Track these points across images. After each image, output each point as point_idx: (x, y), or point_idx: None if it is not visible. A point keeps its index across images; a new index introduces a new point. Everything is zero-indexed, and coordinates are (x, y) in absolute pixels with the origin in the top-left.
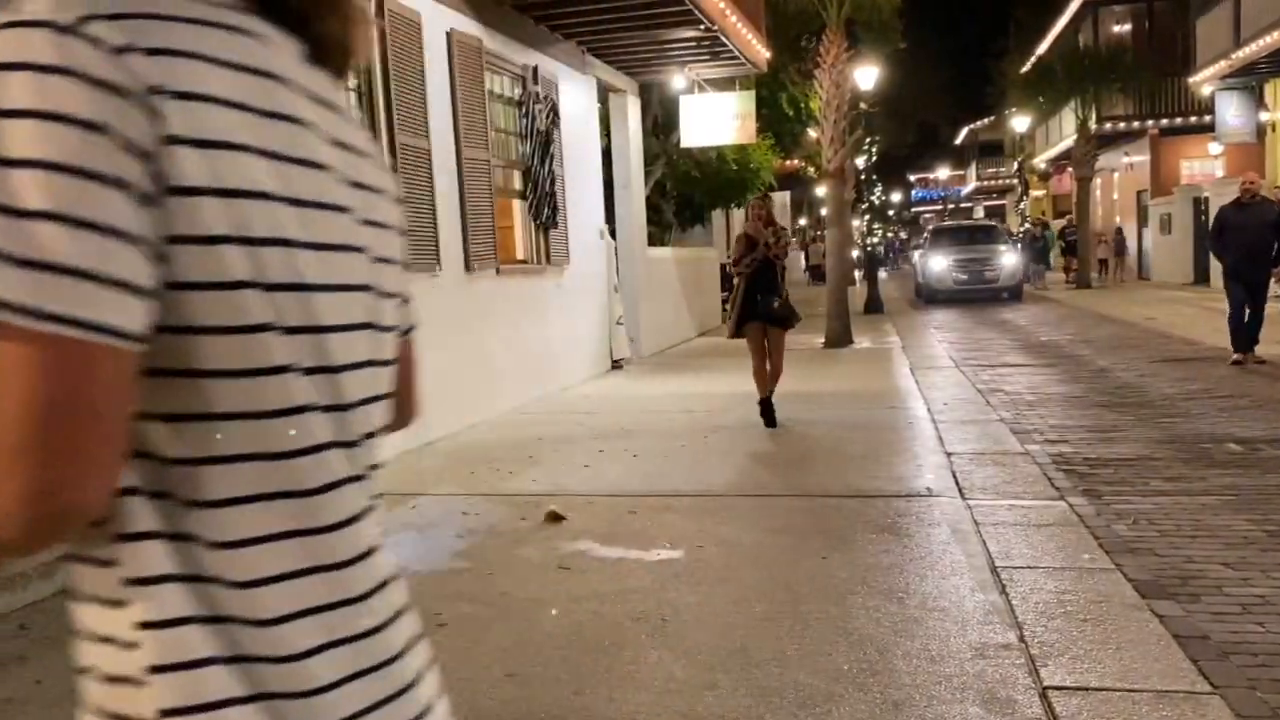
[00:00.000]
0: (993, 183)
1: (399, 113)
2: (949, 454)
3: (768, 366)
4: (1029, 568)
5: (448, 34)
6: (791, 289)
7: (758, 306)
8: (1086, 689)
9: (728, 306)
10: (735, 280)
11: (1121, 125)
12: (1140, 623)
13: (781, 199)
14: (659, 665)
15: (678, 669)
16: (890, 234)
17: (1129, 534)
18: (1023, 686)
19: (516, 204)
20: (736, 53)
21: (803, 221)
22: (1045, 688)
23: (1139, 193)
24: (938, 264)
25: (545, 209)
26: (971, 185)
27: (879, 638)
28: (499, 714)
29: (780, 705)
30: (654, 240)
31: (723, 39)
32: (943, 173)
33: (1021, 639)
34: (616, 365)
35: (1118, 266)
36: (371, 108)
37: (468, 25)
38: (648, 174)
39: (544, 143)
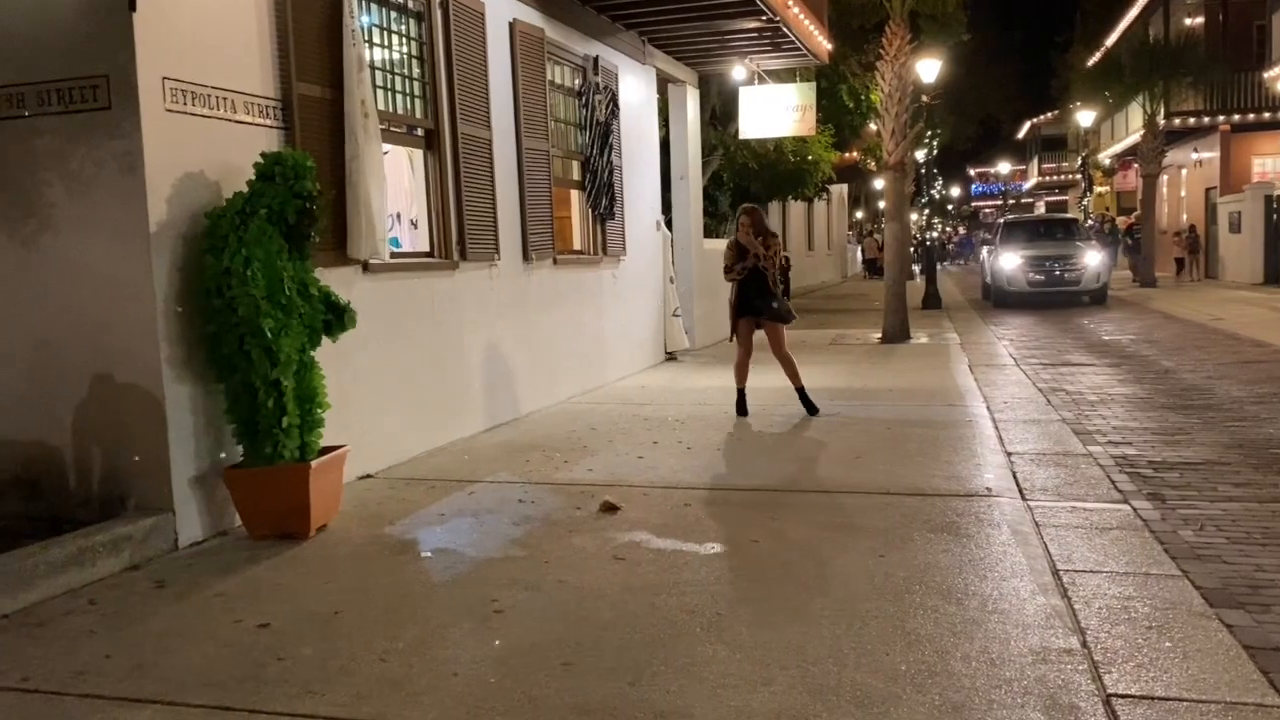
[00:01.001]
0: (1055, 178)
1: (461, 103)
2: (1009, 453)
3: (773, 360)
4: (1091, 572)
5: (510, 24)
6: (847, 283)
7: (750, 305)
8: (1152, 698)
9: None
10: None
11: (1191, 121)
12: (1208, 632)
13: (839, 191)
14: (714, 659)
15: (733, 664)
16: (951, 228)
17: (1196, 540)
18: (1086, 693)
19: (574, 194)
20: (798, 44)
21: (859, 215)
22: (1109, 695)
23: (1207, 190)
24: (1009, 262)
25: (603, 199)
26: (1033, 180)
27: (937, 638)
28: (555, 703)
29: (837, 704)
30: (709, 232)
31: (785, 30)
32: (1003, 167)
33: (1084, 645)
34: (670, 357)
35: (1192, 265)
36: (435, 98)
37: (530, 15)
38: (704, 165)
39: (603, 133)
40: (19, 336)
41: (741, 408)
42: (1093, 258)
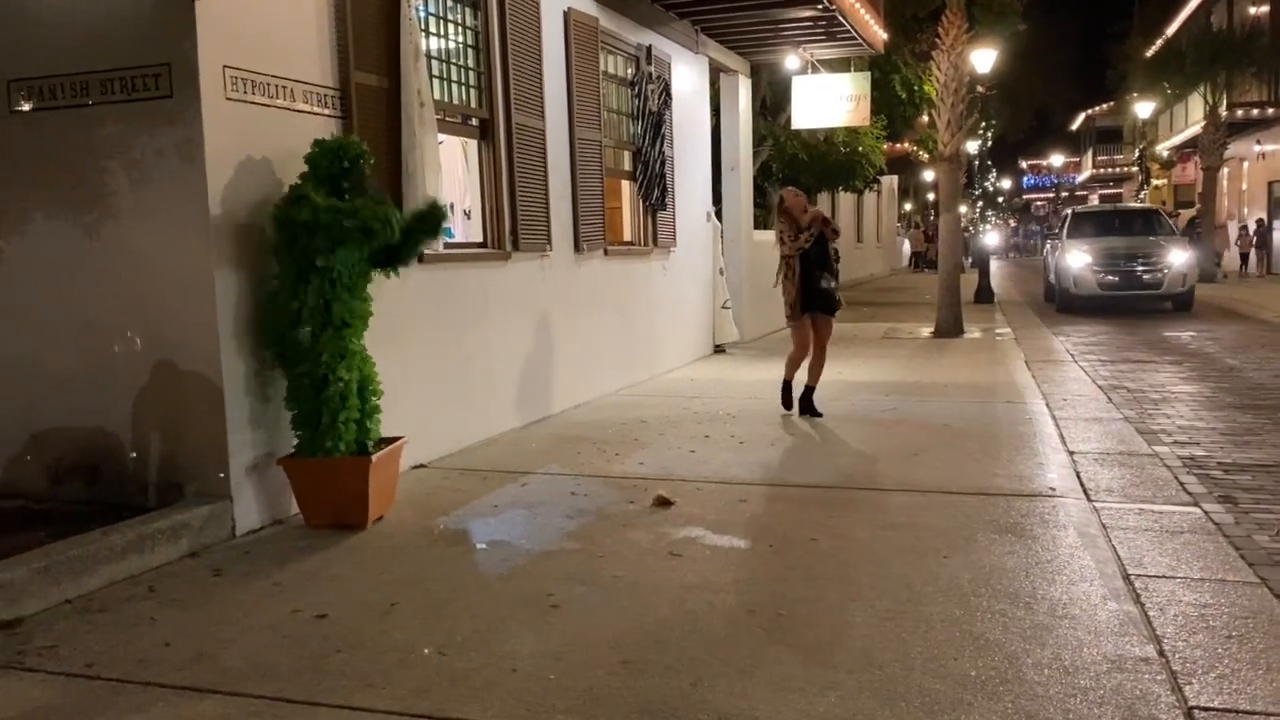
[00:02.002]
0: (1109, 170)
1: (516, 93)
2: (1071, 453)
3: (810, 355)
4: (1164, 577)
5: (565, 13)
6: (894, 276)
7: (817, 291)
8: (1236, 711)
9: (782, 289)
10: (785, 260)
11: (1254, 112)
12: None
13: (889, 183)
14: (777, 661)
15: (796, 666)
16: (1002, 220)
17: (1273, 546)
18: (1166, 705)
19: (625, 185)
20: (853, 33)
21: (908, 206)
22: (1191, 708)
23: (1270, 183)
24: (1077, 260)
25: (655, 190)
26: (1087, 173)
27: (1007, 644)
28: (615, 701)
29: (906, 710)
30: (758, 223)
31: (840, 19)
32: (1056, 159)
33: (1161, 653)
34: (719, 349)
35: (1260, 260)
36: (490, 88)
37: (585, 4)
38: (754, 156)
39: (655, 123)
40: (80, 323)
41: (787, 400)
42: (1177, 256)
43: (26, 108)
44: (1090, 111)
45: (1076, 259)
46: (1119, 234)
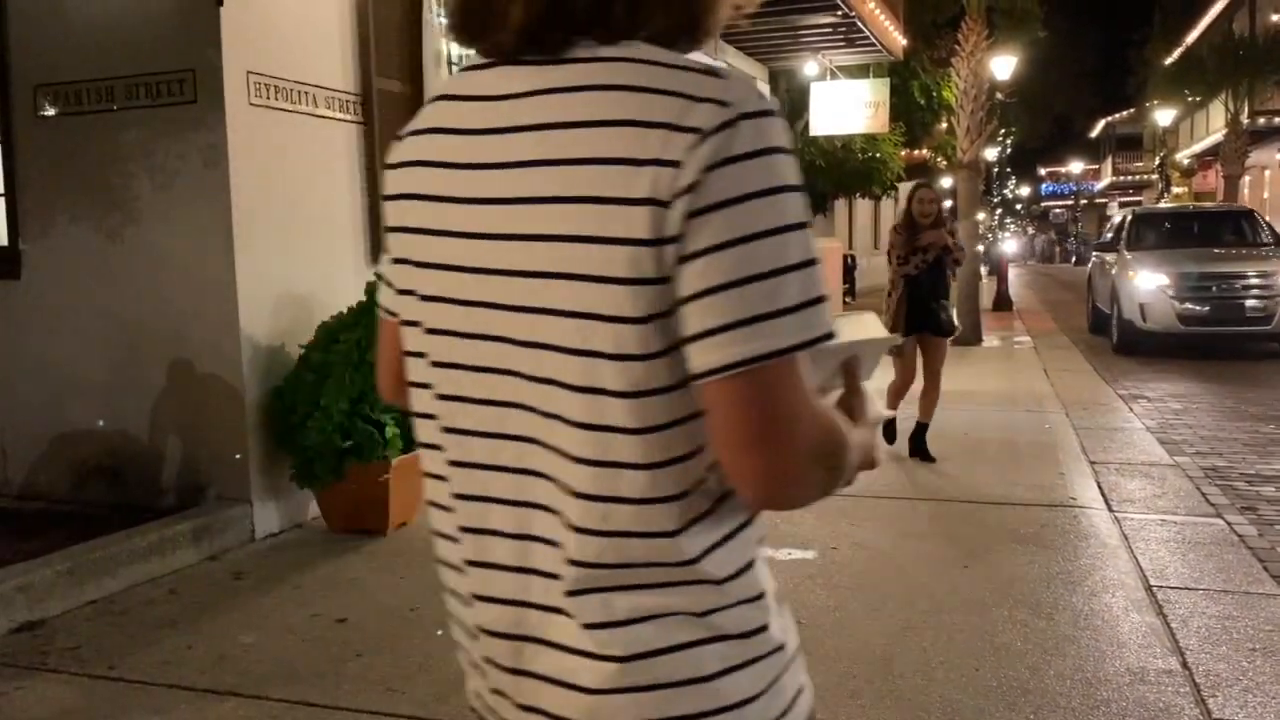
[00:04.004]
0: (1129, 178)
1: None
2: (1092, 462)
3: (922, 383)
4: (1187, 589)
5: None
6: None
7: (926, 310)
8: None
9: (885, 308)
10: (893, 278)
11: (1277, 120)
12: None
13: (906, 190)
14: None
15: (817, 675)
16: (1023, 228)
17: None
18: (1190, 718)
19: None
20: (873, 39)
21: None
22: None
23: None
24: (1147, 282)
25: None
26: (1106, 180)
27: (1028, 655)
28: None
29: None
30: None
31: (859, 25)
32: (1075, 166)
33: (1185, 666)
34: None
35: None
36: None
37: None
38: None
39: None
40: (104, 327)
41: (890, 436)
42: None
43: (52, 112)
44: (1110, 118)
45: (1146, 280)
46: (1201, 244)
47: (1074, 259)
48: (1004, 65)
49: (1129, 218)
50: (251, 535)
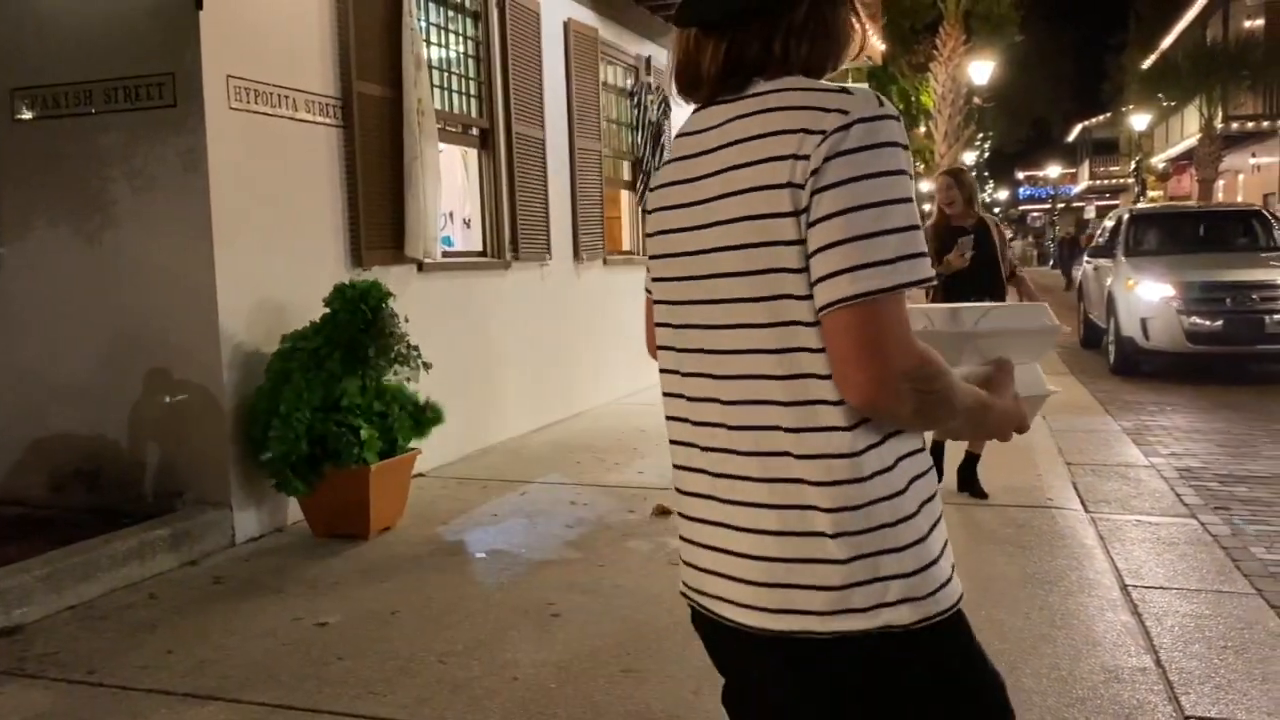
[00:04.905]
0: (1106, 182)
1: (516, 103)
2: (1068, 464)
3: None
4: (1161, 588)
5: (565, 24)
6: None
7: None
8: None
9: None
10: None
11: (1249, 124)
12: None
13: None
14: None
15: None
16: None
17: (1268, 557)
18: (1163, 715)
19: (625, 195)
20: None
21: None
22: (1187, 717)
23: (1265, 195)
24: (1150, 292)
25: None
26: (1083, 184)
27: (1005, 653)
28: (617, 709)
29: None
30: None
31: None
32: (1053, 170)
33: (1158, 664)
34: None
35: None
36: (490, 98)
37: (584, 15)
38: None
39: (655, 134)
40: (82, 332)
41: (939, 469)
42: None
43: (29, 116)
44: (1087, 123)
45: (1149, 291)
46: (1209, 248)
47: (1050, 262)
48: (982, 70)
49: (1126, 218)
50: (232, 540)
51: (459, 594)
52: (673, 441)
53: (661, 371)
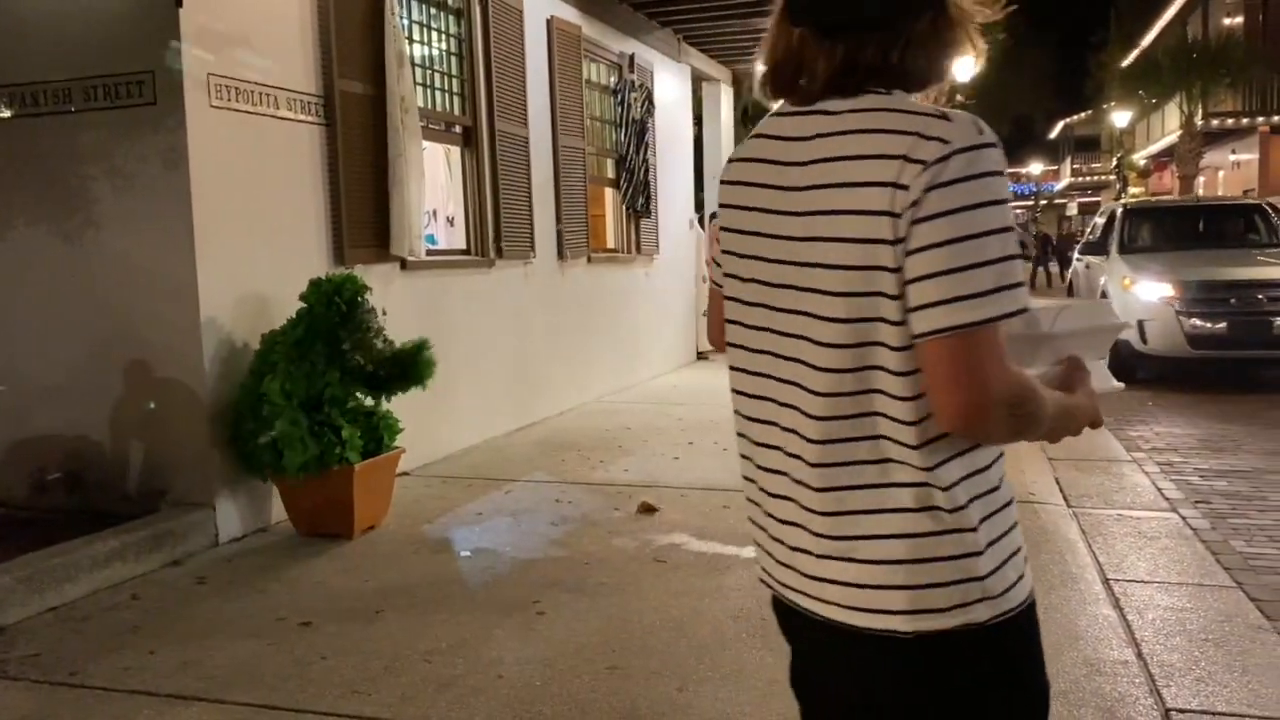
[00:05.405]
0: (1088, 179)
1: (499, 100)
2: (1050, 458)
3: None
4: (1142, 582)
5: (548, 21)
6: None
7: None
8: (1213, 713)
9: None
10: None
11: (1229, 122)
12: (1268, 645)
13: None
14: (761, 666)
15: (780, 671)
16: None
17: (1248, 550)
18: (1144, 707)
19: (608, 192)
20: None
21: None
22: (1168, 709)
23: (1245, 191)
24: (1148, 294)
25: (640, 198)
26: (1065, 181)
27: None
28: (601, 707)
29: None
30: None
31: None
32: (1035, 167)
33: (1140, 656)
34: (702, 356)
35: None
36: (473, 95)
37: (568, 13)
38: None
39: (639, 131)
40: (63, 332)
41: None
42: None
43: (7, 114)
44: (1068, 120)
45: (1146, 291)
46: (1210, 245)
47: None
48: (964, 67)
49: (1120, 212)
50: (215, 540)
51: (444, 593)
52: (750, 440)
53: (732, 369)
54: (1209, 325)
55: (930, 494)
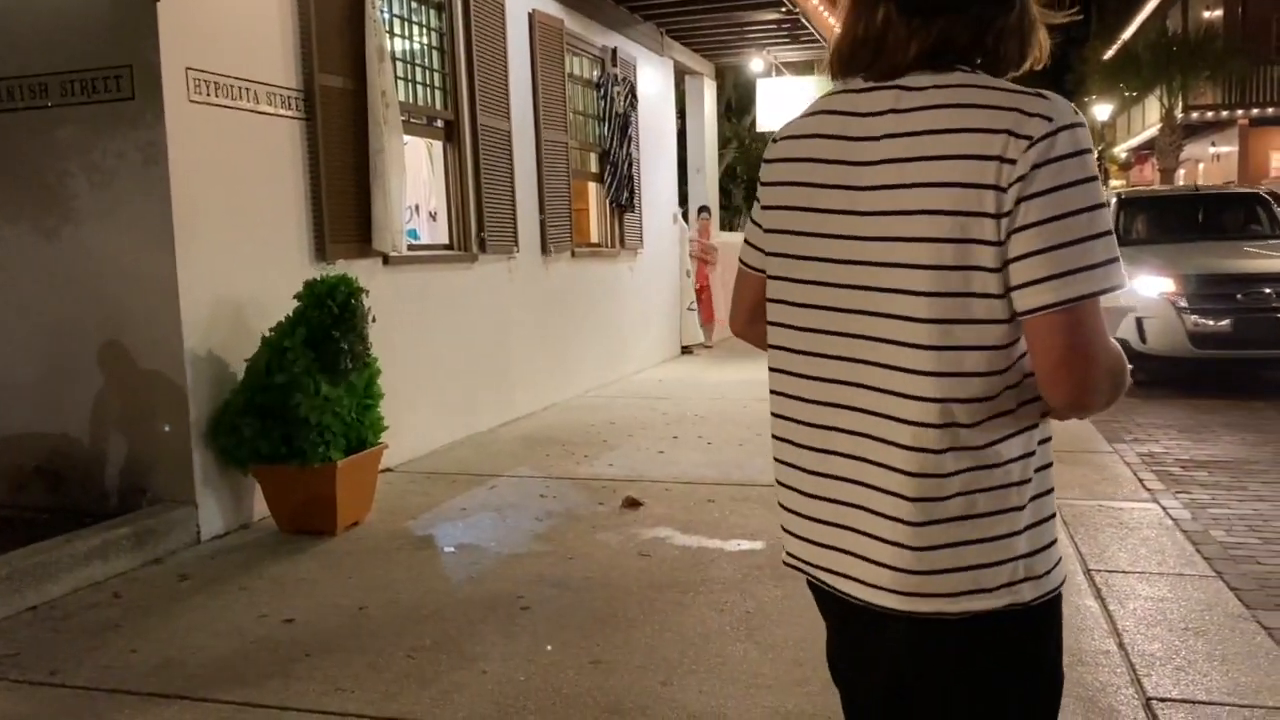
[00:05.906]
0: None
1: (481, 94)
2: None
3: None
4: (1124, 572)
5: (530, 15)
6: None
7: None
8: (1193, 702)
9: None
10: None
11: (1209, 114)
12: (1247, 635)
13: None
14: (746, 659)
15: (765, 664)
16: None
17: (1228, 540)
18: (1125, 697)
19: (592, 186)
20: (817, 35)
21: None
22: (1149, 699)
23: (1226, 183)
24: (1147, 289)
25: (624, 192)
26: None
27: None
28: (586, 701)
29: None
30: (724, 225)
31: (804, 22)
32: None
33: (1121, 646)
34: (686, 350)
35: None
36: (455, 89)
37: (550, 6)
38: (719, 158)
39: (622, 125)
40: (43, 328)
41: None
42: None
43: None
44: None
45: (1145, 286)
46: (1212, 236)
47: None
48: None
49: (1114, 202)
50: (197, 537)
51: (427, 589)
52: (793, 420)
53: (773, 348)
54: (1212, 323)
55: (988, 475)
